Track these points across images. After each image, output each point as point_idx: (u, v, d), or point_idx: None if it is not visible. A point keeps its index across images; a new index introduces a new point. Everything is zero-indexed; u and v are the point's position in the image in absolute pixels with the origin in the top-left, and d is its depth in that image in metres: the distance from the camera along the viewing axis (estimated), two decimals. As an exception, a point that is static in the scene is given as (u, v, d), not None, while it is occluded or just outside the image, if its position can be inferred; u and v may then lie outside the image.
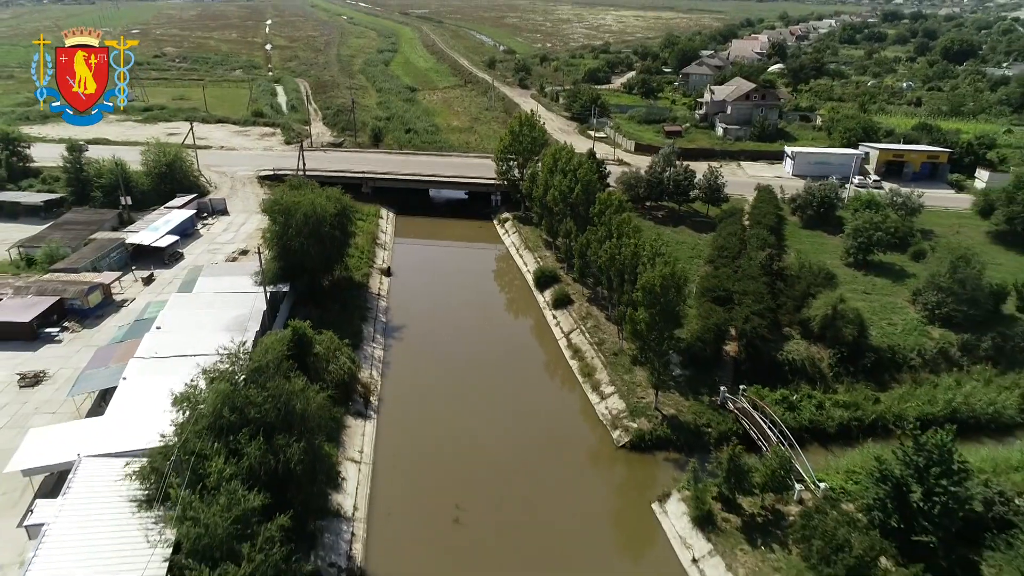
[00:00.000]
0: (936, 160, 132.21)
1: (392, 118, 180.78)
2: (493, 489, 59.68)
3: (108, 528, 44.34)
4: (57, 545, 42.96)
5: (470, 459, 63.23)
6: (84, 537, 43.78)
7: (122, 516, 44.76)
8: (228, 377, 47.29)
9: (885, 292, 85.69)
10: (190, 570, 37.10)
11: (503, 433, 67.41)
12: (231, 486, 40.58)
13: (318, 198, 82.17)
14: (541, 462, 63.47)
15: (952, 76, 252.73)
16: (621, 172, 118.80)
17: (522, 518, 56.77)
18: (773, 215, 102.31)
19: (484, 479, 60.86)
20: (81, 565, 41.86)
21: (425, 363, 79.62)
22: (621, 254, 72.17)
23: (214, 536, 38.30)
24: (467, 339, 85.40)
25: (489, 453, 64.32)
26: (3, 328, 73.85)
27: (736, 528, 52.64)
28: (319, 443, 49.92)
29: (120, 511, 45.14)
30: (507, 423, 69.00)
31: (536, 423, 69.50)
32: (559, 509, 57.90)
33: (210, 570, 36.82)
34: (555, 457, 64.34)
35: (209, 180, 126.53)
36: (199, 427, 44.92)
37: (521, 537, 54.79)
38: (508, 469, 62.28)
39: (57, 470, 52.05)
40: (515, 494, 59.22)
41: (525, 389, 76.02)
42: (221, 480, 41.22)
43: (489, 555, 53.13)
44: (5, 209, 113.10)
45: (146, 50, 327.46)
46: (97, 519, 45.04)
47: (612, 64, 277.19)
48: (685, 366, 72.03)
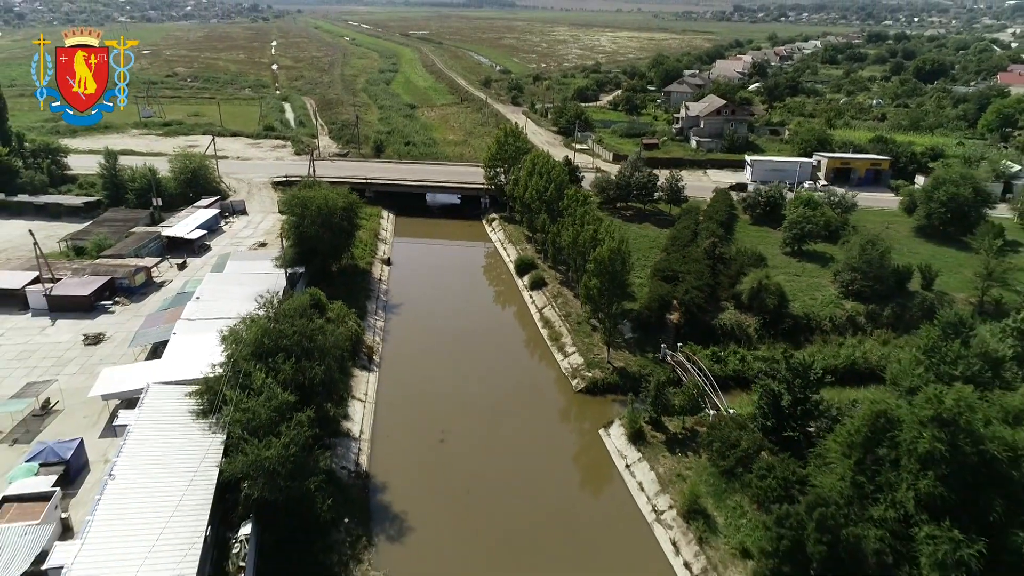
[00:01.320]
0: (879, 167, 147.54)
1: (393, 132, 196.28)
2: (471, 422, 74.07)
3: (175, 428, 58.68)
4: (137, 440, 57.22)
5: (453, 401, 77.63)
6: (157, 434, 58.12)
7: (185, 421, 59.09)
8: (265, 317, 61.87)
9: (813, 274, 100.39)
10: (245, 441, 51.42)
11: (482, 383, 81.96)
12: (270, 387, 55.04)
13: (329, 194, 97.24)
14: (512, 403, 78.00)
15: (920, 94, 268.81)
16: (595, 177, 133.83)
17: (495, 443, 71.19)
18: (724, 212, 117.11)
19: (464, 415, 75.21)
20: (156, 454, 56.15)
21: (419, 332, 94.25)
22: (582, 237, 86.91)
23: (259, 419, 52.75)
24: (455, 315, 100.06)
25: (469, 397, 78.72)
26: (66, 300, 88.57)
27: (660, 442, 66.97)
28: (336, 371, 64.40)
29: (184, 419, 59.43)
30: (485, 376, 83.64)
31: (510, 376, 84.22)
32: (525, 437, 72.32)
33: (258, 441, 51.12)
34: (524, 400, 78.91)
35: (229, 185, 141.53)
36: (244, 352, 59.51)
37: (493, 455, 69.16)
38: (484, 409, 76.71)
39: (128, 396, 66.42)
40: (489, 426, 73.68)
41: (502, 351, 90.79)
42: (263, 386, 55.66)
43: (466, 466, 67.29)
44: (49, 210, 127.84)
45: (159, 70, 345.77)
46: (166, 423, 59.40)
47: (601, 83, 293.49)
48: (635, 331, 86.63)
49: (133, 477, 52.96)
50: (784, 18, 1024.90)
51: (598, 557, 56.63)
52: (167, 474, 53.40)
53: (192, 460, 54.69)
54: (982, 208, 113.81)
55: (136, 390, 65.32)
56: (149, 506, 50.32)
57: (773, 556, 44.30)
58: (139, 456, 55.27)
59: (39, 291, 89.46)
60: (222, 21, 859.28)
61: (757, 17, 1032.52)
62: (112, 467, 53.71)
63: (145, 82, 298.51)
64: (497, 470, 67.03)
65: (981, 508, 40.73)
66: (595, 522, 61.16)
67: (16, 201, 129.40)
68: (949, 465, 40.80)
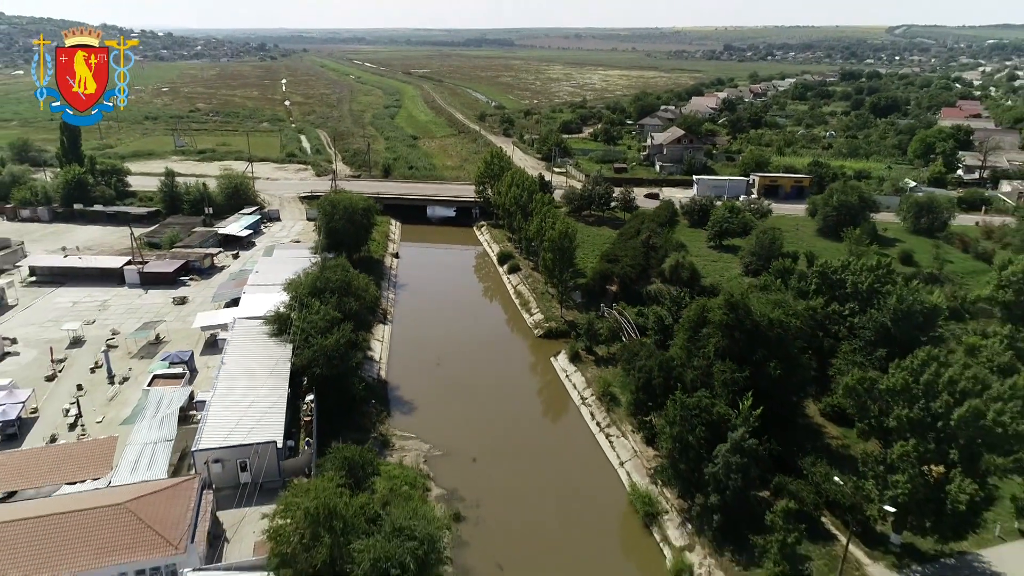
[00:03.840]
0: (802, 184, 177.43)
1: (398, 158, 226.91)
2: (460, 354, 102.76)
3: (257, 342, 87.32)
4: (234, 348, 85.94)
5: (447, 342, 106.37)
6: (246, 345, 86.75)
7: (263, 339, 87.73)
8: (317, 268, 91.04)
9: (727, 260, 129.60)
10: (311, 337, 80.00)
11: (468, 332, 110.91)
12: (324, 309, 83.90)
13: (353, 197, 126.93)
14: (490, 344, 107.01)
15: (870, 126, 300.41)
16: (564, 191, 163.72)
17: (476, 366, 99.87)
18: (665, 216, 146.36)
19: (454, 350, 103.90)
20: (247, 354, 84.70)
21: (421, 301, 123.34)
22: (545, 227, 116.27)
23: (316, 327, 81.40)
24: (450, 291, 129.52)
25: (458, 340, 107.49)
26: (155, 276, 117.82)
27: (591, 361, 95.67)
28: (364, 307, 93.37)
29: (262, 337, 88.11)
30: (471, 328, 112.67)
31: (489, 328, 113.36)
32: (498, 363, 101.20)
33: (320, 336, 79.68)
34: (499, 342, 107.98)
35: (264, 199, 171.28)
36: (303, 290, 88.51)
37: (474, 373, 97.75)
38: (469, 346, 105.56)
39: (219, 329, 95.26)
40: (473, 357, 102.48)
41: (483, 313, 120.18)
42: (319, 309, 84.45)
43: (454, 380, 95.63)
44: (119, 217, 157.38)
45: (181, 106, 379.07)
46: (250, 339, 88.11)
47: (585, 117, 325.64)
48: (583, 297, 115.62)
49: (236, 365, 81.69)
50: (771, 57, 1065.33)
51: (543, 423, 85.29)
52: (257, 364, 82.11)
53: (271, 358, 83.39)
54: (867, 212, 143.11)
55: (224, 324, 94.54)
56: (249, 379, 78.88)
57: (636, 392, 72.83)
58: (237, 355, 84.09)
59: (134, 270, 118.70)
60: (232, 60, 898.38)
61: (745, 56, 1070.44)
62: (223, 359, 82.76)
63: (172, 117, 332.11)
64: (477, 380, 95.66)
65: (750, 353, 68.93)
66: (543, 407, 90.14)
67: (92, 210, 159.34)
68: (733, 329, 69.13)
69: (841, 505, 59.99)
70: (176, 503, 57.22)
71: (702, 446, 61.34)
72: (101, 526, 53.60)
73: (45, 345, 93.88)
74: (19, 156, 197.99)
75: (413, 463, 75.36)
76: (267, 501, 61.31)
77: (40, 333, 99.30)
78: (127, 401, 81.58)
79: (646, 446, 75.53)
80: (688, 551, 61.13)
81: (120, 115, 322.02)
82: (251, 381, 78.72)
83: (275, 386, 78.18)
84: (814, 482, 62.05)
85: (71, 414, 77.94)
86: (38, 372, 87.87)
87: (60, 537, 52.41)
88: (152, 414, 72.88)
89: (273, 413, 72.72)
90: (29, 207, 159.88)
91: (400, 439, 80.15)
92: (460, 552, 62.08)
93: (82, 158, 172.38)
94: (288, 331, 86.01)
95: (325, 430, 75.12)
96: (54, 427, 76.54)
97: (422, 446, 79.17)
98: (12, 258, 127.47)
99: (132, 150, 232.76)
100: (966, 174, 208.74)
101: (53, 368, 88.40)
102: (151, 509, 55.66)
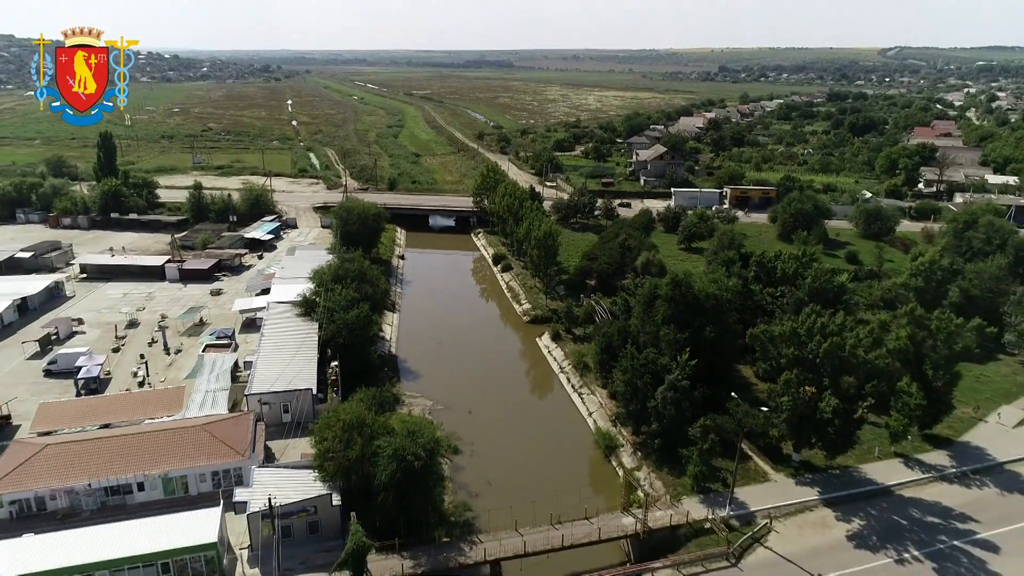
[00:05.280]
0: (769, 195, 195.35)
1: (402, 174, 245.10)
2: (458, 336, 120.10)
3: (289, 320, 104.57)
4: (270, 324, 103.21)
5: (446, 327, 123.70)
6: (280, 323, 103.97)
7: (294, 318, 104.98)
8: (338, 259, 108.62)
9: (695, 259, 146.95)
10: (335, 313, 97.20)
11: (465, 319, 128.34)
12: (345, 291, 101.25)
13: (365, 203, 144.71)
14: (483, 327, 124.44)
15: (844, 144, 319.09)
16: (553, 201, 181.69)
17: (472, 345, 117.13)
18: (641, 223, 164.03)
19: (453, 333, 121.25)
20: (282, 329, 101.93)
21: (424, 295, 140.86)
22: (531, 229, 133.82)
23: (339, 305, 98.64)
24: (449, 287, 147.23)
25: (457, 325, 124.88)
26: (193, 272, 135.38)
27: (569, 339, 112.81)
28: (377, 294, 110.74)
29: (292, 317, 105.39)
30: (468, 316, 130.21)
31: (482, 315, 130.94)
32: (491, 343, 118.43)
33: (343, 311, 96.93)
34: (491, 326, 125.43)
35: (282, 209, 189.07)
36: (327, 277, 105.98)
37: (470, 350, 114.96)
38: (466, 330, 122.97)
39: (254, 312, 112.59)
40: (469, 338, 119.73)
41: (479, 304, 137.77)
42: (341, 291, 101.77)
43: (453, 356, 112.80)
44: (152, 225, 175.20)
45: (193, 126, 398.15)
46: (283, 318, 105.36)
47: (578, 136, 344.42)
48: (566, 290, 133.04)
49: (273, 336, 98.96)
50: (764, 78, 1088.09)
51: (528, 387, 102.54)
52: (290, 336, 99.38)
53: (302, 332, 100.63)
54: (820, 218, 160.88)
55: (259, 307, 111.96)
56: (285, 346, 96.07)
57: (599, 353, 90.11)
58: (274, 330, 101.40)
59: (174, 267, 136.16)
60: (237, 81, 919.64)
61: (739, 77, 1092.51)
62: (262, 331, 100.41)
63: (187, 136, 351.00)
64: (473, 355, 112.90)
65: (691, 320, 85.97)
66: (528, 375, 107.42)
67: (127, 219, 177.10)
68: (677, 302, 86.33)
69: (755, 432, 77.04)
70: (238, 428, 74.34)
71: (648, 389, 78.40)
72: (186, 440, 70.76)
73: (107, 326, 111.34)
74: (55, 171, 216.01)
75: (419, 414, 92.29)
76: (305, 436, 78.27)
77: (99, 317, 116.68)
78: (182, 367, 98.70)
79: (609, 400, 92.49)
80: (636, 470, 77.97)
81: (138, 134, 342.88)
82: (287, 348, 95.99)
83: (307, 351, 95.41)
84: (736, 417, 78.99)
85: (139, 375, 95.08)
86: (104, 346, 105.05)
87: (157, 447, 69.62)
88: (209, 371, 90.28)
89: (307, 369, 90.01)
90: (70, 216, 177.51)
91: (408, 397, 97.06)
92: (458, 474, 79.02)
93: (117, 172, 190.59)
94: (315, 311, 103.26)
95: (347, 387, 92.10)
96: (126, 385, 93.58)
97: (426, 402, 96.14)
98: (63, 258, 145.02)
99: (155, 166, 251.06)
100: (926, 187, 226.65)
101: (117, 342, 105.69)
102: (220, 430, 72.78)
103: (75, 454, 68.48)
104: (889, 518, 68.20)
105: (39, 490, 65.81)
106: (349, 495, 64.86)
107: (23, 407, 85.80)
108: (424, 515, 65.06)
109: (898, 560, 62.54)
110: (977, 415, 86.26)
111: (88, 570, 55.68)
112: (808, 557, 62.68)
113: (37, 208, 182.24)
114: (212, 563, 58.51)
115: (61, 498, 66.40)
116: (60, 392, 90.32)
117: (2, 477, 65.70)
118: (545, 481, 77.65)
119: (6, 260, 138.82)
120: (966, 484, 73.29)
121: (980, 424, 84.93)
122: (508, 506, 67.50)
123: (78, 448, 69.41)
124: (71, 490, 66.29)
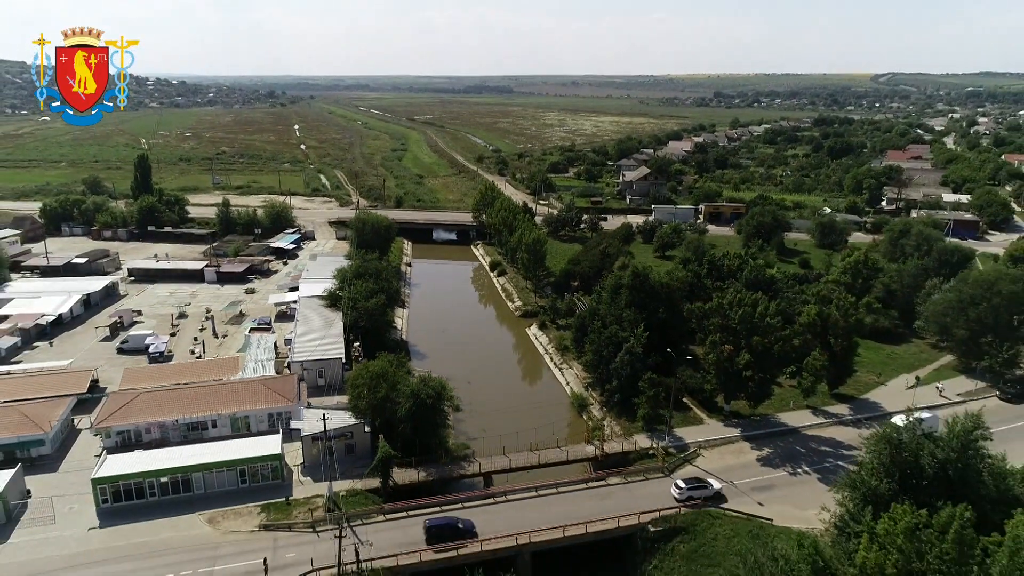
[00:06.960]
0: (739, 211, 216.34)
1: (407, 193, 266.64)
2: (459, 327, 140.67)
3: (317, 310, 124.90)
4: (302, 312, 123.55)
5: (450, 320, 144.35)
6: (310, 312, 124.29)
7: (321, 308, 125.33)
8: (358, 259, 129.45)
9: (668, 264, 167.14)
10: (357, 301, 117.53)
11: (466, 315, 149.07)
12: (364, 285, 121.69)
13: (378, 216, 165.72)
14: (481, 321, 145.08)
15: (820, 166, 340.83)
16: (544, 215, 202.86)
17: (471, 334, 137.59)
18: (623, 234, 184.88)
19: (456, 325, 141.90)
20: (313, 315, 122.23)
21: (430, 295, 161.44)
22: (522, 240, 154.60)
23: (360, 295, 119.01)
24: (451, 290, 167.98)
25: (458, 318, 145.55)
26: (229, 275, 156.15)
27: (554, 328, 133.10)
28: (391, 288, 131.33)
29: (319, 307, 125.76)
30: (468, 312, 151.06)
31: (480, 311, 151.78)
32: (487, 333, 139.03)
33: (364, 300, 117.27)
34: (487, 320, 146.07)
35: (301, 224, 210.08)
36: (349, 273, 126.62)
37: (470, 338, 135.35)
38: (466, 322, 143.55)
39: (286, 305, 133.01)
40: (469, 328, 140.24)
41: (477, 303, 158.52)
42: (361, 285, 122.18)
43: (456, 342, 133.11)
44: (184, 237, 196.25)
45: (206, 149, 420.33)
46: (312, 307, 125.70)
47: (572, 159, 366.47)
48: (553, 291, 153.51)
49: (306, 321, 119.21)
50: (757, 103, 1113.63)
51: (518, 365, 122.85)
52: (320, 320, 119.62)
53: (329, 318, 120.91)
54: (779, 229, 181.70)
55: (291, 301, 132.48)
56: (315, 329, 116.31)
57: (575, 331, 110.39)
58: (306, 316, 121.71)
59: (212, 270, 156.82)
60: (244, 107, 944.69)
61: (733, 103, 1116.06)
62: (296, 317, 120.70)
63: (204, 159, 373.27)
64: (472, 342, 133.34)
65: (649, 304, 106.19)
66: (518, 356, 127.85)
67: (162, 231, 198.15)
68: (637, 290, 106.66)
69: (695, 389, 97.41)
70: (287, 383, 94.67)
71: (611, 356, 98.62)
72: (248, 390, 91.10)
73: (161, 317, 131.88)
74: (92, 189, 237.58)
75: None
76: (337, 395, 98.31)
77: (152, 311, 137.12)
78: (230, 348, 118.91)
79: (584, 372, 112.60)
80: (602, 421, 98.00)
81: (157, 157, 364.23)
82: (318, 329, 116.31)
83: (335, 331, 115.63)
84: (681, 378, 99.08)
85: (196, 352, 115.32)
86: (163, 331, 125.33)
87: (226, 395, 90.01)
88: (256, 346, 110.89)
89: (337, 344, 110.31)
90: (110, 229, 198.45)
91: (418, 372, 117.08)
92: (459, 424, 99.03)
93: (152, 190, 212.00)
94: (339, 303, 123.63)
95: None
96: (186, 361, 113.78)
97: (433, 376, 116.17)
98: (113, 264, 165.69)
99: (178, 186, 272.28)
100: (888, 205, 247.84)
101: (173, 328, 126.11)
102: (273, 384, 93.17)
103: (163, 399, 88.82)
104: (792, 448, 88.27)
105: (139, 423, 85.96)
106: (375, 430, 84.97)
107: (105, 374, 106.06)
108: (434, 445, 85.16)
109: (792, 473, 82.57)
110: (880, 380, 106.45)
111: (186, 471, 75.74)
112: (724, 471, 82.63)
113: (80, 222, 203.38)
114: (277, 471, 78.55)
115: (154, 431, 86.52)
116: (134, 364, 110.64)
117: (110, 415, 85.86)
118: (530, 431, 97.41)
119: (65, 265, 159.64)
120: (858, 427, 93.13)
121: (881, 387, 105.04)
122: (500, 445, 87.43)
123: (165, 395, 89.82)
124: (162, 424, 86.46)
